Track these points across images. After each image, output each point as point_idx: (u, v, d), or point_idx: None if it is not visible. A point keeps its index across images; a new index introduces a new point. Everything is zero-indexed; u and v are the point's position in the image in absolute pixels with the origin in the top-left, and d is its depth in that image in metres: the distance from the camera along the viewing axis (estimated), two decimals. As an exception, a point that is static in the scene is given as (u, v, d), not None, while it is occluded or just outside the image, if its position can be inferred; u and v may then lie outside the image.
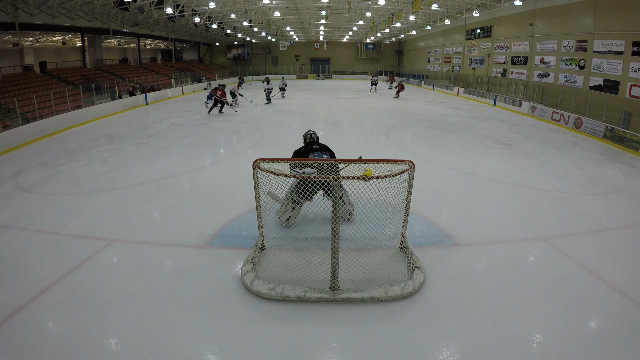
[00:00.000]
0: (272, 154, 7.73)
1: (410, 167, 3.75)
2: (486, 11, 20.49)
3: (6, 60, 19.78)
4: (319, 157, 5.07)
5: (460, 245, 4.55)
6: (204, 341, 2.99)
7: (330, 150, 5.22)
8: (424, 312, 3.35)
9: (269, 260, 4.00)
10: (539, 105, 15.79)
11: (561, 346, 2.96)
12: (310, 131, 5.37)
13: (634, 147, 9.99)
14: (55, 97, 13.26)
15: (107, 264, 4.13)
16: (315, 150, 5.15)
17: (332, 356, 2.93)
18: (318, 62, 40.69)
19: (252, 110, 16.01)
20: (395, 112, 15.66)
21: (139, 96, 18.81)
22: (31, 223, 5.09)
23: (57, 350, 2.89)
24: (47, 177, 7.22)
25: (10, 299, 3.45)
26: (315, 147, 5.18)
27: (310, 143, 5.20)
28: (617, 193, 6.61)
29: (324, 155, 5.09)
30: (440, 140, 10.44)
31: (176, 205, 5.71)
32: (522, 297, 3.56)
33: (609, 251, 4.46)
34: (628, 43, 12.58)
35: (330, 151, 5.21)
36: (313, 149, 5.15)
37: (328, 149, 5.23)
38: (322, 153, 5.15)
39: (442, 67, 29.01)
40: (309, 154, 5.14)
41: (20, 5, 15.54)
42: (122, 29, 24.03)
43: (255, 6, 23.76)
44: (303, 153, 5.19)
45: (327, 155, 5.10)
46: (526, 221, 5.22)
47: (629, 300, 3.52)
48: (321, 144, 5.24)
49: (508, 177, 7.15)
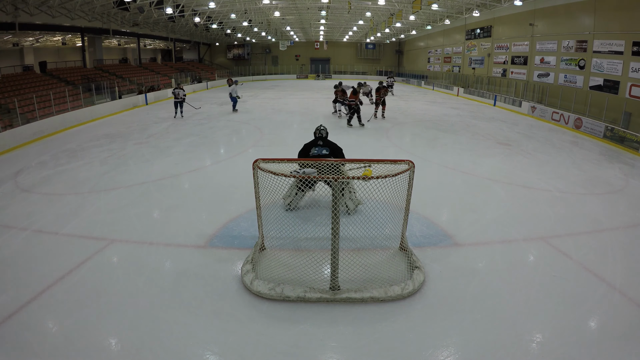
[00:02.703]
0: (272, 154, 7.74)
1: (410, 167, 3.75)
2: (486, 11, 20.48)
3: (6, 60, 19.79)
4: (319, 152, 5.20)
5: (460, 245, 4.55)
6: (204, 341, 2.99)
7: (334, 147, 5.27)
8: (424, 312, 3.35)
9: (269, 260, 3.99)
10: (539, 105, 15.79)
11: (561, 346, 2.96)
12: (320, 126, 5.46)
13: (634, 147, 9.98)
14: (55, 97, 13.26)
15: (107, 264, 4.13)
16: (318, 145, 5.26)
17: (332, 356, 2.93)
18: (318, 62, 40.67)
19: (252, 110, 16.01)
20: (395, 112, 15.65)
21: (139, 96, 18.82)
22: (31, 223, 5.09)
23: (57, 350, 2.89)
24: (47, 177, 7.22)
25: (10, 299, 3.45)
26: (320, 143, 5.28)
27: (317, 139, 5.31)
28: (617, 193, 6.60)
29: (324, 151, 5.20)
30: (440, 140, 10.44)
31: (176, 205, 5.71)
32: (522, 297, 3.56)
33: (608, 251, 4.46)
34: (628, 43, 12.57)
35: (333, 148, 5.26)
36: (317, 144, 5.26)
37: (331, 145, 5.28)
38: (322, 149, 5.24)
39: (442, 67, 29.00)
40: (311, 148, 5.26)
41: (20, 5, 15.53)
42: (122, 29, 24.02)
43: (255, 6, 23.75)
44: (307, 147, 5.31)
45: (327, 151, 5.20)
46: (526, 221, 5.22)
47: (629, 300, 3.52)
48: (326, 140, 5.32)
49: (508, 177, 7.15)
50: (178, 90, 14.31)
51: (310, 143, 5.34)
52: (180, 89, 14.36)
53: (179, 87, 14.48)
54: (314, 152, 5.22)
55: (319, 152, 5.20)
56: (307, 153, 5.27)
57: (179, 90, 14.32)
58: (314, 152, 5.22)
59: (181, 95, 14.19)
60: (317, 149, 5.22)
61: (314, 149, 5.25)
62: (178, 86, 14.60)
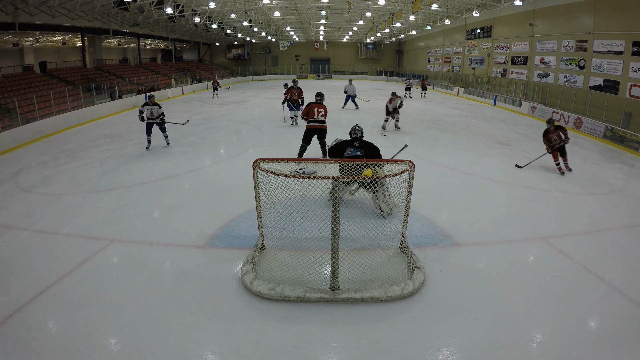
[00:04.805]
0: (272, 154, 7.74)
1: (410, 167, 3.75)
2: (486, 11, 20.49)
3: (6, 60, 19.78)
4: (354, 154, 5.05)
5: (460, 245, 4.55)
6: (204, 341, 2.99)
7: (369, 148, 5.13)
8: (424, 312, 3.35)
9: (269, 260, 3.99)
10: (539, 105, 15.80)
11: (561, 346, 2.95)
12: (356, 126, 5.33)
13: (634, 147, 9.99)
14: (55, 97, 13.26)
15: (107, 264, 4.13)
16: (354, 147, 5.13)
17: (332, 356, 2.92)
18: (318, 62, 40.69)
19: (252, 110, 16.01)
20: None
21: (139, 96, 18.82)
22: (31, 223, 5.09)
23: (57, 350, 2.89)
24: (47, 177, 7.22)
25: (10, 299, 3.45)
26: (356, 144, 5.14)
27: (353, 139, 5.19)
28: (617, 193, 6.61)
29: (358, 153, 5.05)
30: (440, 140, 10.44)
31: (176, 205, 5.71)
32: (522, 297, 3.56)
33: (608, 251, 4.46)
34: (628, 43, 12.58)
35: (369, 149, 5.12)
36: (353, 145, 5.14)
37: (367, 146, 5.14)
38: (357, 150, 5.09)
39: (442, 67, 29.02)
40: (347, 148, 5.13)
41: (20, 5, 15.54)
42: (122, 29, 24.04)
43: (255, 6, 23.77)
44: (341, 147, 5.19)
45: (361, 153, 5.05)
46: (526, 221, 5.22)
47: (629, 300, 3.52)
48: (362, 141, 5.18)
49: (508, 177, 7.15)
50: (151, 108, 8.67)
51: (346, 142, 5.21)
52: (154, 104, 8.73)
53: (151, 101, 8.75)
54: (348, 152, 5.11)
55: (353, 153, 5.08)
56: (340, 152, 5.15)
57: (152, 107, 8.67)
58: (348, 152, 5.11)
59: (156, 114, 8.70)
60: (352, 150, 5.11)
61: (349, 149, 5.12)
62: (150, 99, 8.77)
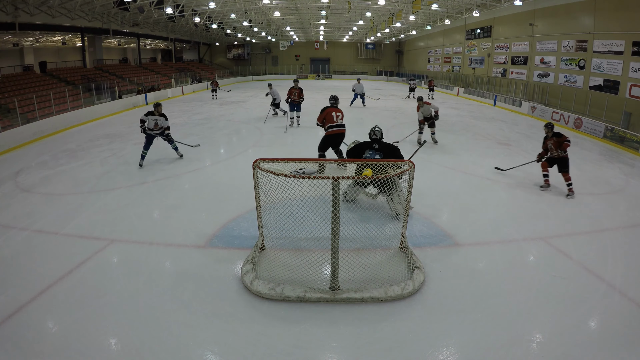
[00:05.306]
0: (272, 154, 7.74)
1: (410, 167, 3.75)
2: (486, 11, 20.48)
3: (6, 60, 19.79)
4: (372, 156, 5.02)
5: (460, 245, 4.55)
6: (204, 341, 2.99)
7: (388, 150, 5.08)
8: (424, 312, 3.35)
9: (269, 260, 3.99)
10: (539, 105, 15.80)
11: (561, 346, 2.95)
12: (375, 127, 5.28)
13: (634, 147, 9.98)
14: (55, 97, 13.26)
15: (107, 264, 4.13)
16: (373, 149, 5.10)
17: (332, 356, 2.93)
18: (318, 62, 40.69)
19: (252, 109, 16.00)
20: (396, 112, 15.67)
21: (139, 96, 18.82)
22: (31, 223, 5.08)
23: (57, 350, 2.89)
24: (47, 177, 7.22)
25: (10, 299, 3.45)
26: (375, 146, 5.11)
27: (372, 141, 5.17)
28: (617, 193, 6.61)
29: (377, 156, 5.01)
30: (440, 140, 10.43)
31: (176, 205, 5.71)
32: (522, 297, 3.56)
33: (609, 251, 4.46)
34: (628, 43, 12.58)
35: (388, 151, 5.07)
36: (372, 147, 5.11)
37: (386, 148, 5.10)
38: (376, 153, 5.05)
39: (442, 67, 29.02)
40: (365, 150, 5.10)
41: (20, 5, 15.54)
42: (122, 29, 24.04)
43: (255, 6, 23.76)
44: (360, 149, 5.15)
45: (380, 156, 5.01)
46: (526, 221, 5.22)
47: (629, 300, 3.52)
48: (382, 143, 5.14)
49: (508, 177, 7.15)
50: (156, 119, 7.45)
51: (365, 144, 5.16)
52: (160, 115, 7.52)
53: (157, 110, 7.50)
54: (367, 155, 5.08)
55: (372, 156, 5.06)
56: (359, 154, 5.11)
57: (157, 118, 7.45)
58: (367, 155, 5.08)
59: (161, 126, 7.51)
60: (371, 152, 5.07)
61: (368, 151, 5.08)
62: (157, 109, 7.52)
